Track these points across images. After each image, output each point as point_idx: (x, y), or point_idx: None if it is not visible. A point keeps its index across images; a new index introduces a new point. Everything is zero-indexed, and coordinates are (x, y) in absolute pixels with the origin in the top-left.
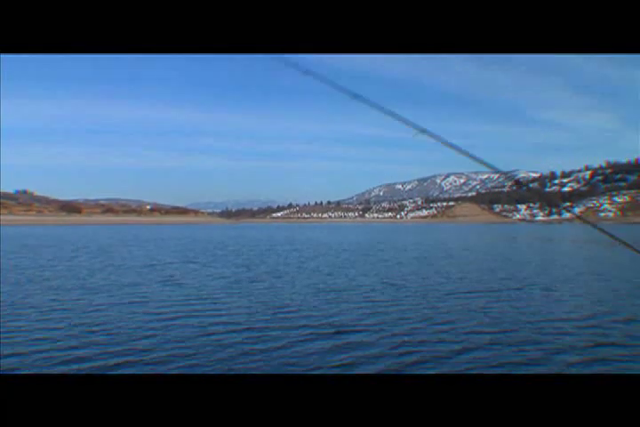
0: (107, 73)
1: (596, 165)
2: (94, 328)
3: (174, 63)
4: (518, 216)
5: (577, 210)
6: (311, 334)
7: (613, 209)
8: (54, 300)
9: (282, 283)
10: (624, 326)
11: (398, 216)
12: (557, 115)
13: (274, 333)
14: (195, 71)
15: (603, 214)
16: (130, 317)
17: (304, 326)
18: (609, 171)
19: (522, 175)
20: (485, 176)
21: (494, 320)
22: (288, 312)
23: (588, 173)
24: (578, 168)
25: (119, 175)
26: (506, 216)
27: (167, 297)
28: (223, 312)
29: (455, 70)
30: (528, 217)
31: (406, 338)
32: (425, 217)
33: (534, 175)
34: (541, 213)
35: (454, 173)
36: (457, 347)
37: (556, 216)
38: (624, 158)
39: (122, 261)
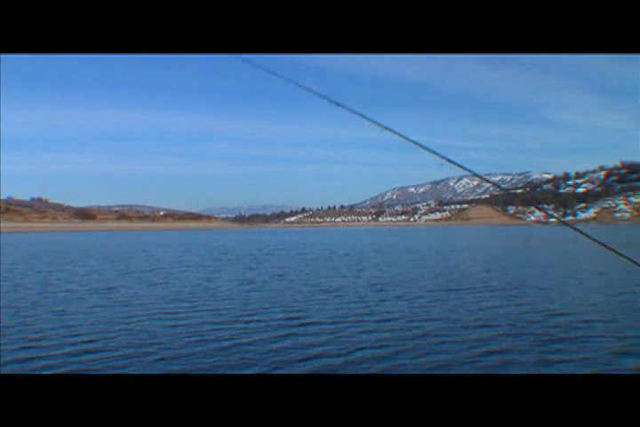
0: (119, 80)
1: (611, 166)
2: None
3: (187, 70)
4: (533, 218)
5: (592, 211)
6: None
7: (629, 209)
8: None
9: (281, 285)
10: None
11: (412, 219)
12: (570, 115)
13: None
14: (208, 77)
15: (619, 215)
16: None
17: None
18: (624, 171)
19: (535, 177)
20: (498, 178)
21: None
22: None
23: (603, 173)
24: (592, 169)
25: (133, 182)
26: (520, 218)
27: (154, 298)
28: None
29: (466, 72)
30: (542, 219)
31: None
32: (439, 220)
33: (548, 176)
34: (555, 215)
35: (467, 176)
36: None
37: (570, 217)
38: None
39: (137, 266)
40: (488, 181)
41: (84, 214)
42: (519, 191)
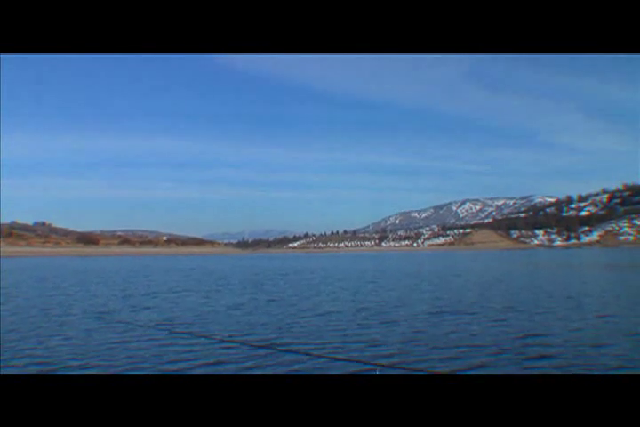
0: (123, 106)
1: (614, 188)
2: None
3: (191, 94)
4: (536, 242)
5: (596, 234)
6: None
7: (633, 232)
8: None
9: (274, 309)
10: None
11: (415, 244)
12: (571, 139)
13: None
14: (211, 103)
15: (623, 238)
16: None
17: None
18: (627, 193)
19: (538, 200)
20: (501, 202)
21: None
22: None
23: (606, 196)
24: (595, 192)
25: (136, 207)
26: (524, 242)
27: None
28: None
29: (467, 97)
30: (546, 242)
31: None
32: (442, 244)
33: (551, 200)
34: (559, 239)
35: (470, 200)
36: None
37: (574, 241)
38: None
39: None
40: None
41: (87, 239)
42: (522, 215)
